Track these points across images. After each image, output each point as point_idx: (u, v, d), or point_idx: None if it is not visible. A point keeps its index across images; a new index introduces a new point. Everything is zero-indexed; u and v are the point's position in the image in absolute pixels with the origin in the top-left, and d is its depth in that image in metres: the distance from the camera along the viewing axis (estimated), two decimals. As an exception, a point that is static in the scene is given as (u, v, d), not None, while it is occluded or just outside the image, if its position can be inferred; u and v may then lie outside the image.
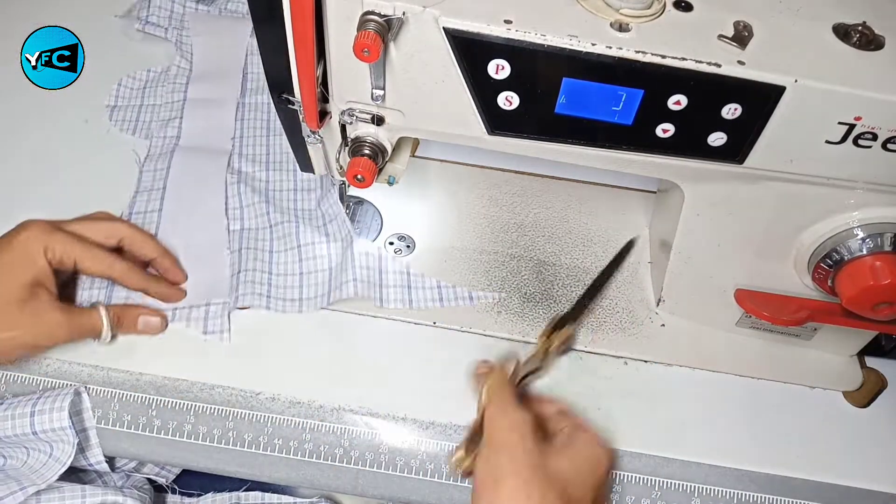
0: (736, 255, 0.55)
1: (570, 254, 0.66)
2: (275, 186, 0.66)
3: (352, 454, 0.54)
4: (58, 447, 0.50)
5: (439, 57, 0.44)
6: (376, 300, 0.59)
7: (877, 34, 0.44)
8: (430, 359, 0.57)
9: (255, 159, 0.68)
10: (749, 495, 0.53)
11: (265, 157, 0.68)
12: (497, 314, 0.60)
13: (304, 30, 0.42)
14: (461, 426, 0.54)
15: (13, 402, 0.50)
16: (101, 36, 0.76)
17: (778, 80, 0.42)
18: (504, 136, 0.48)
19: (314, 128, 0.51)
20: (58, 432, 0.49)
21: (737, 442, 0.55)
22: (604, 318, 0.61)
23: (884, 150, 0.44)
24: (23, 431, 0.49)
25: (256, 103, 0.73)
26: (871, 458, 0.55)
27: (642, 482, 0.53)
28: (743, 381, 0.58)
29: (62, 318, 0.51)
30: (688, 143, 0.46)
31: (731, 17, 0.44)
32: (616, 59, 0.42)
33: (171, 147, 0.68)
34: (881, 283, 0.46)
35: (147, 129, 0.70)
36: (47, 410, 0.49)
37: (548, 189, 0.71)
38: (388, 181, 0.57)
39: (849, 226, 0.49)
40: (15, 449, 0.51)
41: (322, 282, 0.59)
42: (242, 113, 0.72)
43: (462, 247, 0.65)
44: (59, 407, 0.49)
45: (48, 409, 0.49)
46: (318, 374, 0.56)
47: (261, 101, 0.73)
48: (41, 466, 0.50)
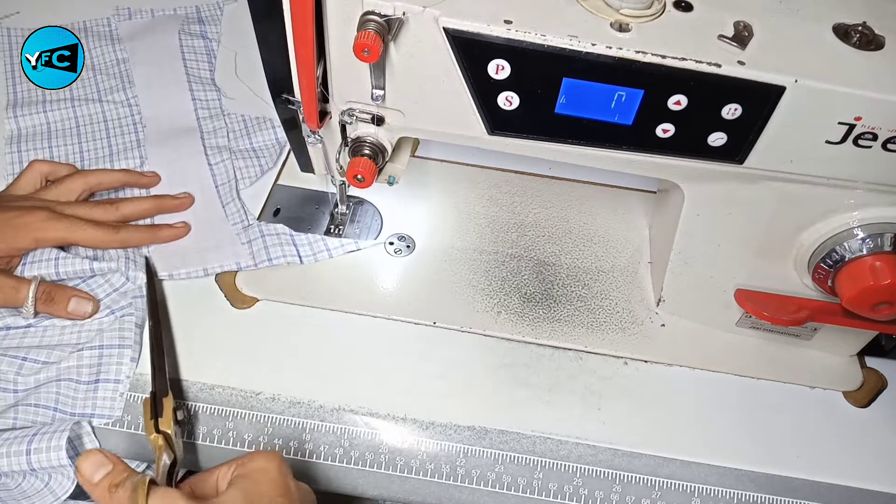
0: (736, 255, 0.55)
1: (570, 254, 0.66)
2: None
3: (352, 454, 0.54)
4: (55, 479, 0.48)
5: (439, 57, 0.44)
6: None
7: (877, 34, 0.44)
8: (430, 359, 0.57)
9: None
10: (749, 495, 0.53)
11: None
12: (497, 314, 0.60)
13: (304, 30, 0.42)
14: (461, 426, 0.54)
15: (8, 437, 0.48)
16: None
17: (778, 80, 0.42)
18: (504, 136, 0.48)
19: (314, 128, 0.51)
20: (56, 468, 0.48)
21: (737, 442, 0.55)
22: (604, 318, 0.61)
23: (884, 150, 0.44)
24: (19, 468, 0.47)
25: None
26: (871, 458, 0.55)
27: (642, 482, 0.53)
28: (743, 381, 0.58)
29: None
30: (688, 143, 0.46)
31: (731, 17, 0.44)
32: (616, 59, 0.42)
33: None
34: (881, 283, 0.46)
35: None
36: (44, 449, 0.47)
37: (548, 189, 0.71)
38: (388, 181, 0.57)
39: (849, 226, 0.49)
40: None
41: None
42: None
43: (462, 247, 0.65)
44: (56, 446, 0.47)
45: (45, 448, 0.47)
46: (318, 374, 0.56)
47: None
48: (34, 493, 0.48)
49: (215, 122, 0.71)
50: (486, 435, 0.54)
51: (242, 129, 0.71)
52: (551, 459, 0.53)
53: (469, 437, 0.54)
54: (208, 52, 0.78)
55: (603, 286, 0.63)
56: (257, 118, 0.72)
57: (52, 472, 0.48)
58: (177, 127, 0.70)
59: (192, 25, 0.81)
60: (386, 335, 0.59)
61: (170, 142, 0.69)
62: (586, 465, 0.53)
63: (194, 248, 0.61)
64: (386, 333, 0.59)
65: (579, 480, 0.53)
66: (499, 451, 0.54)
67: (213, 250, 0.61)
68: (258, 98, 0.73)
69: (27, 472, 0.48)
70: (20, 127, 0.69)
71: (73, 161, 0.67)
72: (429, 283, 0.62)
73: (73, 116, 0.71)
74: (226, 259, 0.60)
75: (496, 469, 0.53)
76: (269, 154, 0.69)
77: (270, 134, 0.71)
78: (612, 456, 0.54)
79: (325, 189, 0.67)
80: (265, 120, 0.72)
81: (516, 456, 0.53)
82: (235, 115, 0.72)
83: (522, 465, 0.53)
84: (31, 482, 0.49)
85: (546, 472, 0.53)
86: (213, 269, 0.60)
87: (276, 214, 0.66)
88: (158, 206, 0.63)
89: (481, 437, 0.54)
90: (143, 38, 0.78)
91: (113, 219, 0.60)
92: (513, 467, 0.53)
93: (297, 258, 0.61)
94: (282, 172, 0.69)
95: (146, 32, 0.79)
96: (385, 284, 0.62)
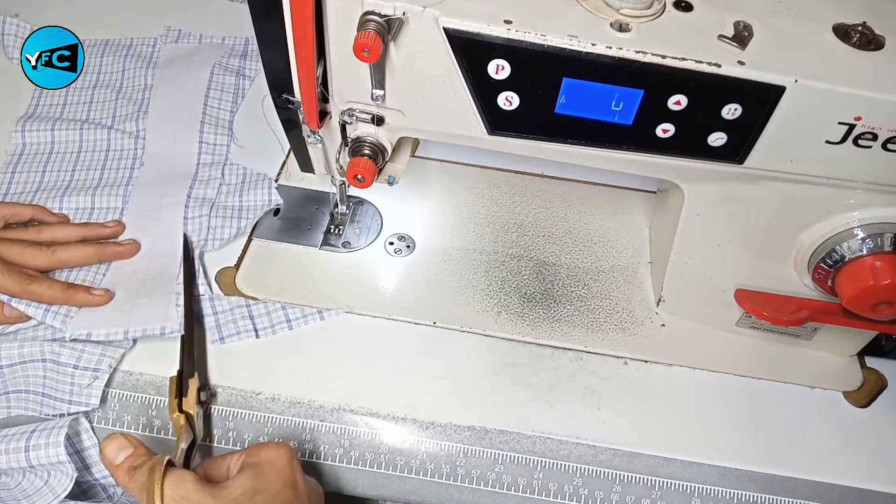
0: (736, 255, 0.55)
1: (570, 254, 0.66)
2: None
3: (352, 454, 0.54)
4: (55, 477, 0.48)
5: (439, 57, 0.44)
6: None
7: (877, 34, 0.44)
8: (430, 359, 0.57)
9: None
10: (749, 495, 0.53)
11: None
12: (497, 314, 0.60)
13: (304, 30, 0.42)
14: (461, 426, 0.54)
15: (6, 434, 0.49)
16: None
17: (778, 80, 0.42)
18: (504, 136, 0.48)
19: (314, 128, 0.51)
20: (56, 465, 0.48)
21: (737, 442, 0.55)
22: (604, 318, 0.61)
23: (884, 150, 0.44)
24: (18, 465, 0.48)
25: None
26: (871, 458, 0.55)
27: (642, 482, 0.53)
28: (743, 381, 0.58)
29: None
30: (688, 143, 0.46)
31: (731, 17, 0.44)
32: (616, 59, 0.42)
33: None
34: (881, 283, 0.46)
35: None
36: (42, 445, 0.48)
37: (548, 189, 0.71)
38: (388, 181, 0.57)
39: (849, 226, 0.49)
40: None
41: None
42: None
43: (462, 247, 0.65)
44: (55, 442, 0.48)
45: (43, 444, 0.48)
46: (318, 374, 0.56)
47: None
48: (34, 492, 0.48)
49: (213, 171, 0.67)
50: (486, 435, 0.54)
51: (238, 184, 0.66)
52: (551, 459, 0.53)
53: (469, 437, 0.54)
54: (237, 90, 0.74)
55: (603, 286, 0.63)
56: (258, 175, 0.67)
57: (52, 469, 0.48)
58: (173, 170, 0.67)
59: (232, 59, 0.76)
60: (386, 335, 0.59)
61: (158, 187, 0.65)
62: (586, 465, 0.53)
63: (126, 301, 0.56)
64: (386, 333, 0.59)
65: (579, 480, 0.53)
66: (499, 451, 0.54)
67: (145, 309, 0.56)
68: (273, 141, 0.67)
69: (26, 470, 0.48)
70: (25, 143, 0.68)
71: (58, 187, 0.64)
72: (429, 283, 0.62)
73: (79, 140, 0.69)
74: (152, 322, 0.55)
75: (496, 469, 0.53)
76: (253, 214, 0.64)
77: (264, 194, 0.66)
78: (612, 456, 0.54)
79: (325, 189, 0.67)
80: (264, 179, 0.67)
81: (516, 456, 0.53)
82: (237, 167, 0.68)
83: (522, 465, 0.53)
84: (31, 480, 0.49)
85: (546, 472, 0.53)
86: (134, 333, 0.54)
87: (276, 214, 0.66)
88: (99, 253, 0.58)
89: (481, 437, 0.54)
90: (176, 66, 0.75)
91: (44, 264, 0.56)
92: (513, 467, 0.53)
93: (252, 333, 0.57)
94: (282, 172, 0.69)
95: (182, 60, 0.76)
96: (385, 284, 0.62)
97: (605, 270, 0.65)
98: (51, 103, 0.72)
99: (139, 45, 0.78)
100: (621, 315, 0.62)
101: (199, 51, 0.77)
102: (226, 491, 0.43)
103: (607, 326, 0.61)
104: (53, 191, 0.64)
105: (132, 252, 0.60)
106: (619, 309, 0.62)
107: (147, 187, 0.65)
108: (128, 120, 0.70)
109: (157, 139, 0.69)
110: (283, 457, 0.46)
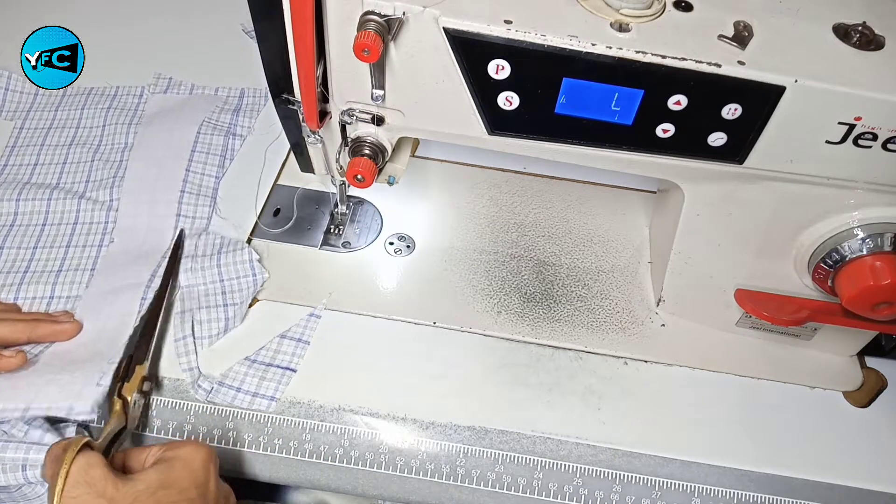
0: (736, 255, 0.55)
1: (570, 254, 0.66)
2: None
3: (352, 454, 0.54)
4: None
5: (439, 57, 0.44)
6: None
7: (877, 34, 0.44)
8: (430, 359, 0.57)
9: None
10: (749, 495, 0.53)
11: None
12: (497, 314, 0.60)
13: (304, 30, 0.43)
14: (461, 426, 0.54)
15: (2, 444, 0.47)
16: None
17: (778, 80, 0.42)
18: (504, 136, 0.48)
19: (314, 128, 0.51)
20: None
21: (737, 442, 0.55)
22: (604, 318, 0.61)
23: (884, 150, 0.44)
24: (16, 483, 0.47)
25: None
26: (871, 458, 0.55)
27: (642, 482, 0.53)
28: (743, 381, 0.58)
29: None
30: (688, 143, 0.46)
31: (731, 17, 0.44)
32: (616, 59, 0.42)
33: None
34: (881, 283, 0.46)
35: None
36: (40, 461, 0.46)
37: (548, 189, 0.71)
38: (388, 181, 0.57)
39: (849, 226, 0.49)
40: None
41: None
42: None
43: (462, 247, 0.65)
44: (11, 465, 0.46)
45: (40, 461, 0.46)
46: (318, 374, 0.56)
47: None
48: (35, 498, 0.49)
49: (186, 244, 0.61)
50: (486, 435, 0.54)
51: (213, 254, 0.60)
52: (551, 459, 0.53)
53: (469, 437, 0.54)
54: (224, 152, 0.68)
55: (603, 286, 0.63)
56: (235, 242, 0.61)
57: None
58: (143, 249, 0.61)
59: (224, 115, 0.71)
60: (386, 335, 0.59)
61: (123, 269, 0.59)
62: (586, 465, 0.53)
63: (43, 375, 0.51)
64: (386, 333, 0.59)
65: (579, 480, 0.53)
66: (499, 451, 0.54)
67: (61, 385, 0.50)
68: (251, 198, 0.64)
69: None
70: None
71: (15, 270, 0.59)
72: (429, 283, 0.62)
73: (45, 211, 0.63)
74: (62, 400, 0.49)
75: (496, 469, 0.53)
76: (240, 299, 0.58)
77: (244, 256, 0.60)
78: (612, 456, 0.54)
79: (325, 189, 0.67)
80: (241, 247, 0.60)
81: (516, 456, 0.53)
82: (213, 236, 0.62)
83: (522, 465, 0.53)
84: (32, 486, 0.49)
85: (546, 472, 0.53)
86: (36, 411, 0.48)
87: (276, 214, 0.66)
88: (31, 331, 0.53)
89: (481, 437, 0.54)
90: (162, 121, 0.69)
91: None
92: (513, 467, 0.53)
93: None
94: (282, 172, 0.69)
95: (169, 114, 0.70)
96: (385, 284, 0.62)
97: (605, 270, 0.65)
98: (21, 163, 0.67)
99: (124, 96, 0.73)
100: (621, 315, 0.62)
101: (188, 104, 0.71)
102: (131, 483, 0.43)
103: (607, 326, 0.61)
104: (11, 274, 0.59)
105: (71, 333, 0.55)
106: (619, 309, 0.62)
107: (112, 270, 0.60)
108: (102, 187, 0.65)
109: (130, 213, 0.63)
110: (199, 457, 0.45)
